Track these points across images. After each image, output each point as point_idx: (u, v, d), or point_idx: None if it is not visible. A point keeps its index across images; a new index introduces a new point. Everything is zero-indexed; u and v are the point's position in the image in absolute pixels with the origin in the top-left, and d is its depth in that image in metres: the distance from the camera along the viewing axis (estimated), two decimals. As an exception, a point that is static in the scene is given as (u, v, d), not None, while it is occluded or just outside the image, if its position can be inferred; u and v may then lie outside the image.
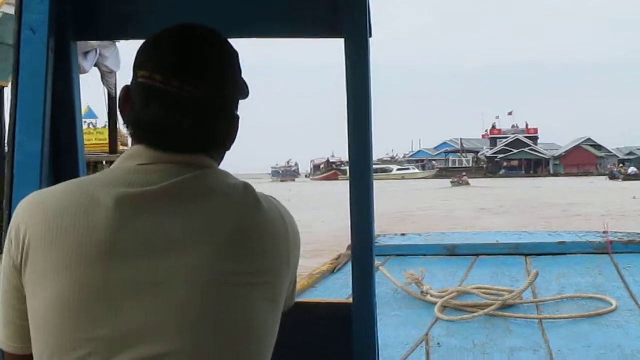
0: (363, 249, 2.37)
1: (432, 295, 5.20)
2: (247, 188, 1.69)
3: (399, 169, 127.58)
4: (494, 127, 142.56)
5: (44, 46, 2.32)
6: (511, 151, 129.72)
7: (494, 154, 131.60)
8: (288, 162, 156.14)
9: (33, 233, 1.59)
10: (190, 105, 1.64)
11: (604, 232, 7.00)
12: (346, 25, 2.35)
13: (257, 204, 1.68)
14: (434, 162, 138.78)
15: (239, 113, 1.79)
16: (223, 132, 1.74)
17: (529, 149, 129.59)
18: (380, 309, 2.70)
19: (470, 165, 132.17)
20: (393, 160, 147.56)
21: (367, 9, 2.35)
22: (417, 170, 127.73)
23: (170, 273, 1.55)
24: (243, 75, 1.79)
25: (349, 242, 2.43)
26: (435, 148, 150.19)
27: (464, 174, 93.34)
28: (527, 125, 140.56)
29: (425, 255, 6.67)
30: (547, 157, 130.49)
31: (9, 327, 1.66)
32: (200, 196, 1.63)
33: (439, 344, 4.34)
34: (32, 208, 1.63)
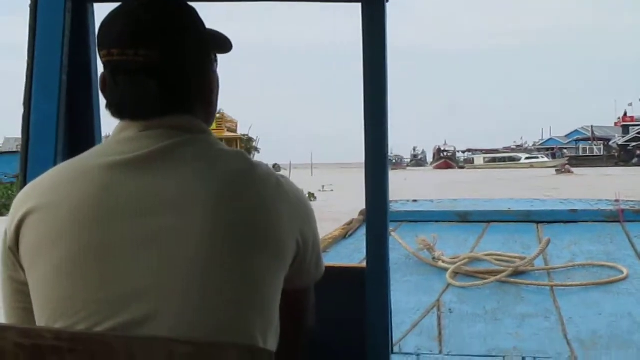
0: (377, 213, 2.37)
1: (443, 261, 5.19)
2: (240, 153, 1.72)
3: (527, 158, 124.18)
4: (625, 114, 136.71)
5: (60, 7, 2.30)
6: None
7: (626, 142, 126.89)
8: (414, 149, 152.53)
9: (27, 213, 1.62)
10: (151, 70, 1.66)
11: (616, 201, 6.92)
12: None
13: (252, 167, 1.70)
14: (565, 151, 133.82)
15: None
16: (198, 89, 1.76)
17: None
18: (392, 274, 2.69)
19: (602, 153, 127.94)
20: (521, 149, 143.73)
21: None
22: (546, 159, 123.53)
23: (166, 232, 1.56)
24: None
25: None
26: (566, 136, 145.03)
27: (566, 163, 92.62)
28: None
29: (437, 221, 6.58)
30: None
31: (16, 312, 1.70)
32: (192, 159, 1.65)
33: (450, 309, 4.34)
34: (28, 192, 1.67)
